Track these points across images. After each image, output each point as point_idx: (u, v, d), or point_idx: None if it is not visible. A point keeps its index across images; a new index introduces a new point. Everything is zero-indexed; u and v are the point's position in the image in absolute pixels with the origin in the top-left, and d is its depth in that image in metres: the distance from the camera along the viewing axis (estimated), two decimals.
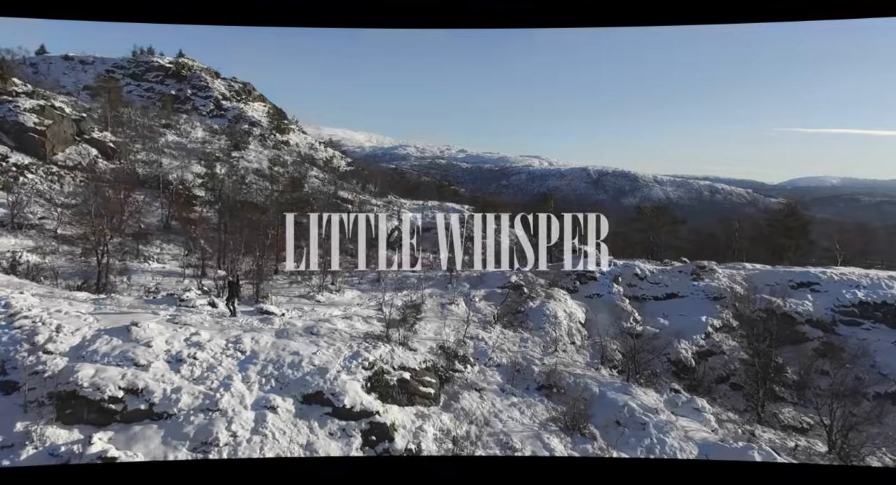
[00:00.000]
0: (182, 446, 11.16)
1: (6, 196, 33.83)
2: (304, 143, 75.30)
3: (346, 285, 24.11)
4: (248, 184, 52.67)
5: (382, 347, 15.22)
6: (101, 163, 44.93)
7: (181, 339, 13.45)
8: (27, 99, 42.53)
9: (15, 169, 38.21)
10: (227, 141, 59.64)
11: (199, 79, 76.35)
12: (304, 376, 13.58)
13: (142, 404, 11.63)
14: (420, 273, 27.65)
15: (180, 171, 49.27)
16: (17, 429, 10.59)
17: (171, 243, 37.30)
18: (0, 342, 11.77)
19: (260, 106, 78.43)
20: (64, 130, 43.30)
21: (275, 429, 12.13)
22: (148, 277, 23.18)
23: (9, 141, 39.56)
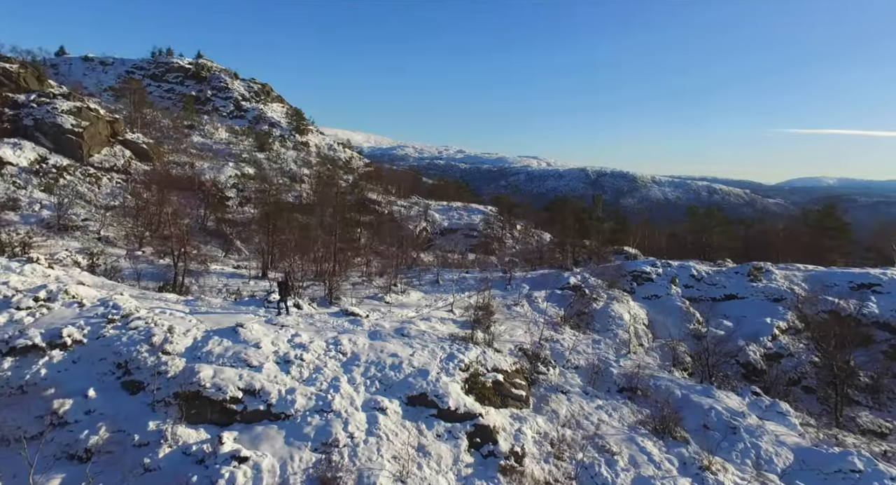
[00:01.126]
0: (305, 446, 11.46)
1: (47, 198, 34.86)
2: (323, 144, 76.04)
3: (409, 287, 24.54)
4: (277, 185, 53.53)
5: (474, 349, 15.44)
6: (135, 164, 46.03)
7: (284, 340, 13.79)
8: (64, 101, 43.62)
9: (55, 170, 39.30)
10: (252, 142, 60.52)
11: (218, 80, 77.43)
12: (407, 378, 13.84)
13: (260, 405, 11.97)
14: (476, 274, 27.82)
15: (213, 172, 50.24)
16: (150, 428, 10.99)
17: (208, 245, 38.12)
18: (121, 343, 12.28)
19: (278, 106, 79.22)
20: (99, 132, 44.27)
21: (387, 431, 12.39)
22: (213, 279, 23.73)
23: (47, 142, 40.59)
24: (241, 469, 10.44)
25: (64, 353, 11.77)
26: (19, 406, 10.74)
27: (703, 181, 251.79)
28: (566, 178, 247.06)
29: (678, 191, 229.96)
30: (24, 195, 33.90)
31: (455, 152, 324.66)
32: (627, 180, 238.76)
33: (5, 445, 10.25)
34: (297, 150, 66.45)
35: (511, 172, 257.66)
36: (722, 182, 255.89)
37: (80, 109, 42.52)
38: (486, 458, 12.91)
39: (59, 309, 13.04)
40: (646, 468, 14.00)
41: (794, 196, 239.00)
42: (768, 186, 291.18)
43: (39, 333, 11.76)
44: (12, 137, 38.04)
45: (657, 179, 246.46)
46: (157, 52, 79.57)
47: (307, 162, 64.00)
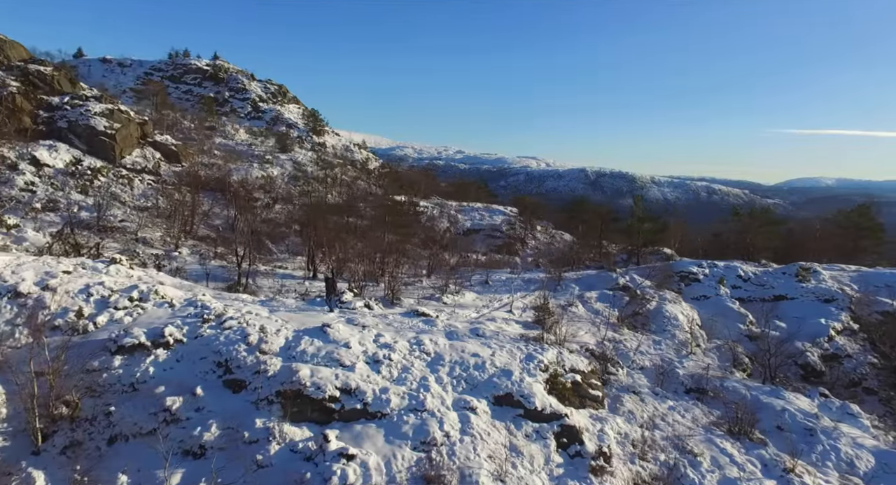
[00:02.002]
0: (405, 445, 11.79)
1: (84, 199, 35.67)
2: (339, 144, 76.78)
3: (461, 287, 24.40)
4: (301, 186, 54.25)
5: (550, 349, 15.72)
6: (164, 165, 46.94)
7: (370, 340, 14.14)
8: (96, 103, 44.59)
9: (90, 172, 40.23)
10: (273, 143, 61.35)
11: (235, 81, 78.40)
12: (491, 378, 14.13)
13: (357, 404, 12.32)
14: (522, 275, 28.07)
15: (239, 173, 51.05)
16: (258, 425, 11.40)
17: (240, 246, 38.72)
18: (219, 342, 12.73)
19: (294, 107, 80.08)
20: (130, 134, 45.20)
21: (480, 430, 12.68)
22: (269, 279, 24.23)
23: (81, 144, 41.49)
24: (350, 467, 10.80)
25: (167, 352, 12.22)
26: (132, 403, 11.19)
27: (703, 181, 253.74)
28: (565, 178, 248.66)
29: (677, 191, 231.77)
30: (63, 197, 34.77)
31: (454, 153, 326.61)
32: (627, 181, 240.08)
33: (123, 440, 10.72)
34: (314, 151, 67.27)
35: (510, 173, 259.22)
36: (721, 182, 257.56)
37: (112, 111, 43.41)
38: (573, 458, 13.16)
39: (153, 309, 13.54)
40: (730, 470, 14.15)
41: (792, 196, 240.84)
42: (767, 187, 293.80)
43: (143, 333, 12.22)
44: (47, 138, 39.02)
45: (656, 180, 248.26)
46: (173, 54, 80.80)
47: (328, 163, 64.80)
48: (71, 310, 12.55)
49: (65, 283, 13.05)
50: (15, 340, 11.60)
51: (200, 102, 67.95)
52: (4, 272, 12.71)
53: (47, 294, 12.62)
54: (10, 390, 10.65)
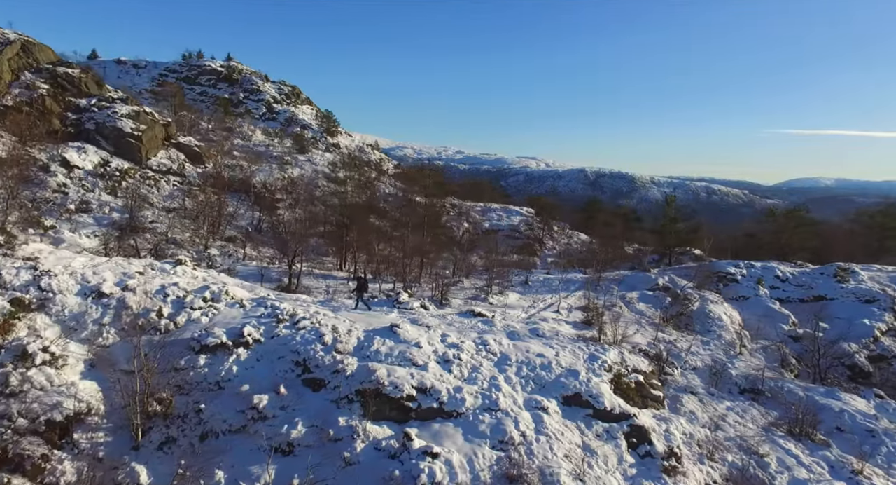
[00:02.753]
0: (484, 444, 12.04)
1: (113, 200, 36.32)
2: (353, 145, 77.41)
3: (504, 288, 24.62)
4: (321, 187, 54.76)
5: (611, 349, 15.95)
6: (189, 166, 47.63)
7: (437, 340, 14.43)
8: (122, 105, 45.37)
9: (118, 174, 40.95)
10: (290, 144, 62.00)
11: (250, 82, 79.17)
12: (559, 378, 14.36)
13: (433, 403, 12.59)
14: (558, 275, 28.29)
15: (262, 174, 51.68)
16: (342, 424, 11.72)
17: (266, 246, 39.36)
18: (296, 342, 13.08)
19: (308, 108, 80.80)
20: (156, 135, 45.94)
21: (554, 430, 12.92)
22: (313, 280, 24.65)
23: (108, 146, 42.18)
24: (436, 465, 11.07)
25: (248, 351, 12.56)
26: (220, 401, 11.54)
27: (702, 182, 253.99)
28: (565, 178, 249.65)
29: (677, 191, 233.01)
30: (94, 198, 35.44)
31: (454, 153, 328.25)
32: (626, 181, 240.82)
33: (214, 437, 11.07)
34: (328, 151, 67.95)
35: (510, 173, 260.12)
36: (721, 183, 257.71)
37: (138, 113, 44.09)
38: (643, 458, 13.34)
39: (226, 309, 13.90)
40: (798, 471, 14.25)
41: (792, 197, 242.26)
42: (766, 187, 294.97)
43: (224, 333, 12.61)
44: (76, 140, 39.77)
45: (656, 180, 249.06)
46: (187, 55, 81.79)
47: (347, 164, 65.41)
48: (152, 310, 12.94)
49: (142, 283, 13.44)
50: (103, 338, 12.01)
51: (215, 104, 68.79)
52: (86, 273, 13.14)
53: (128, 294, 13.01)
54: (105, 387, 11.05)
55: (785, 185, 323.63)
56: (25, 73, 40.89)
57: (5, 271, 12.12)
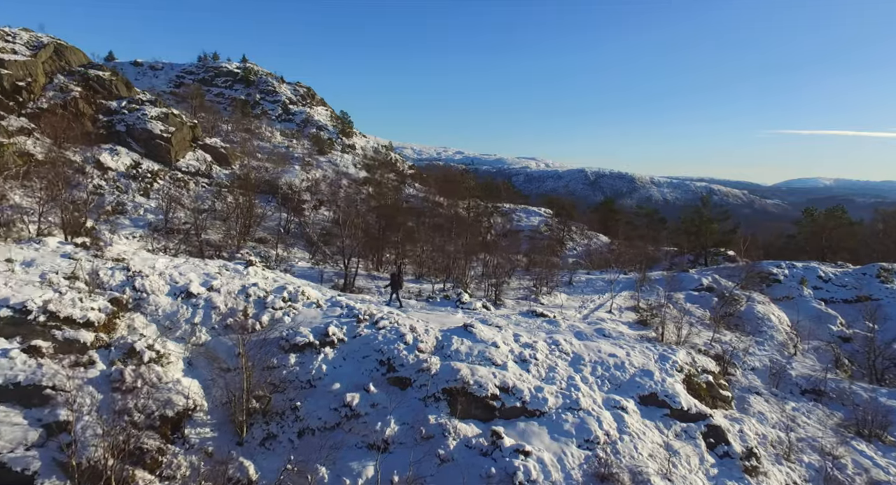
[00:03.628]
0: (571, 443, 12.26)
1: (146, 202, 36.94)
2: (368, 146, 78.03)
3: (551, 288, 24.91)
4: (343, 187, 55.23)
5: (680, 350, 16.12)
6: (215, 168, 48.31)
7: (511, 339, 14.69)
8: (152, 107, 46.13)
9: (150, 175, 41.66)
10: (310, 145, 62.67)
11: (266, 83, 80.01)
12: (633, 378, 14.56)
13: (516, 402, 12.83)
14: (600, 275, 28.50)
15: (287, 175, 52.27)
16: (431, 422, 12.01)
17: (294, 247, 39.80)
18: (378, 341, 13.38)
19: (323, 110, 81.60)
20: (184, 137, 46.70)
21: (635, 429, 13.12)
22: (361, 280, 24.99)
23: (138, 148, 42.90)
24: (529, 462, 11.31)
25: (334, 350, 12.86)
26: (313, 398, 11.85)
27: (702, 182, 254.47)
28: (565, 178, 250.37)
29: (677, 191, 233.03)
30: (128, 199, 36.10)
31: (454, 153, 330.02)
32: (626, 181, 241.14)
33: (310, 434, 11.39)
34: (344, 152, 68.57)
35: (510, 173, 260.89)
36: (720, 183, 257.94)
37: (167, 115, 44.77)
38: (721, 458, 13.46)
39: (303, 309, 14.23)
40: (875, 472, 14.26)
41: (791, 197, 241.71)
42: (766, 187, 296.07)
43: (310, 332, 12.95)
44: (107, 142, 40.53)
45: (656, 180, 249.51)
46: (203, 57, 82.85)
47: (366, 165, 65.98)
48: (238, 310, 13.30)
49: (224, 284, 13.82)
50: (196, 337, 12.39)
51: (232, 105, 69.61)
52: (172, 274, 13.53)
53: (213, 295, 13.39)
54: (205, 384, 11.40)
55: (784, 185, 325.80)
56: (58, 76, 41.75)
57: (102, 272, 12.54)
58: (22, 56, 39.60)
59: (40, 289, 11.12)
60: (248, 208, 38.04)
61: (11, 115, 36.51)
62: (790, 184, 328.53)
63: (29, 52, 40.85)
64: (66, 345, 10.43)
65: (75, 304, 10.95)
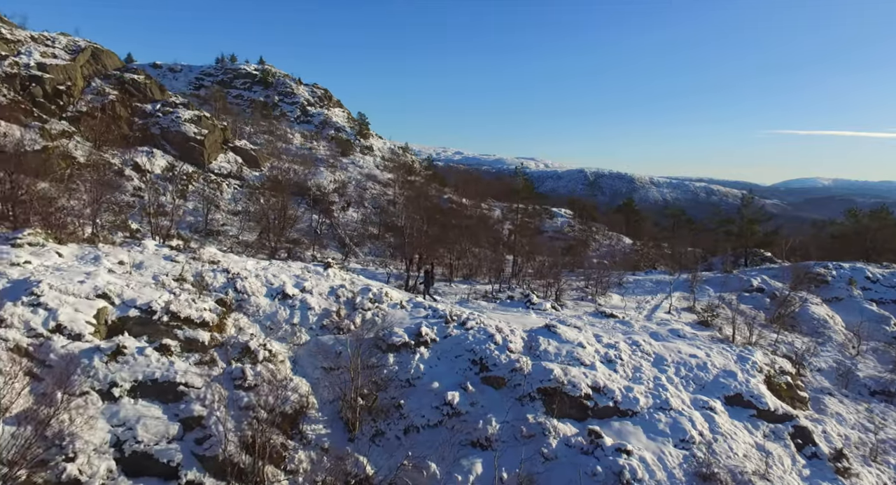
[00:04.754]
0: (668, 442, 12.44)
1: (184, 203, 37.59)
2: (385, 148, 78.58)
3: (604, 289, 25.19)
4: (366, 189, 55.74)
5: (756, 350, 16.26)
6: (246, 170, 49.00)
7: (593, 340, 14.89)
8: (185, 110, 46.91)
9: (185, 177, 42.36)
10: (334, 147, 63.32)
11: (284, 85, 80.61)
12: (717, 378, 14.70)
13: (609, 402, 13.04)
14: (649, 275, 28.69)
15: (315, 177, 52.90)
16: (531, 421, 12.28)
17: (326, 248, 40.30)
18: (469, 341, 13.66)
19: (339, 111, 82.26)
20: (216, 139, 47.45)
21: (727, 430, 13.28)
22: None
23: (173, 150, 43.62)
24: (632, 461, 11.53)
25: (428, 350, 13.19)
26: (415, 397, 12.13)
27: (701, 182, 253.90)
28: (564, 178, 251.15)
29: (676, 191, 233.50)
30: (167, 201, 36.77)
31: (453, 154, 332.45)
32: (626, 181, 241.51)
33: (415, 431, 11.70)
34: (362, 153, 69.19)
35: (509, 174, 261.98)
36: (719, 183, 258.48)
37: (200, 118, 45.51)
38: (810, 459, 13.50)
39: (389, 309, 14.55)
40: None
41: (790, 197, 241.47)
42: (765, 187, 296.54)
43: (404, 332, 13.30)
44: (143, 145, 41.30)
45: (655, 180, 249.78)
46: (220, 59, 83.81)
47: (387, 167, 66.54)
48: (331, 311, 13.67)
49: (315, 285, 14.21)
50: (297, 337, 12.77)
51: (251, 107, 70.45)
52: (266, 275, 13.93)
53: (306, 296, 13.75)
54: (311, 382, 11.75)
55: (783, 185, 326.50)
56: (95, 80, 42.62)
57: (207, 275, 12.97)
58: (62, 60, 40.49)
59: (157, 290, 11.55)
60: (283, 210, 38.64)
61: (53, 119, 37.37)
62: (788, 184, 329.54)
63: (68, 56, 41.72)
64: (188, 343, 10.82)
65: (191, 305, 11.36)
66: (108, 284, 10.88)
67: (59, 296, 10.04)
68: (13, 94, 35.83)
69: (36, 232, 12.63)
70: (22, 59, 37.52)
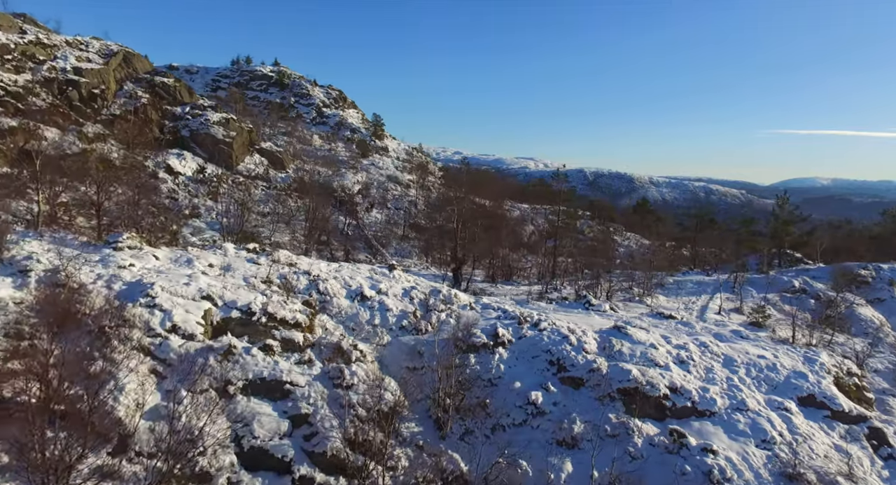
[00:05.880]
0: (749, 442, 12.51)
1: (215, 205, 38.00)
2: (400, 148, 79.00)
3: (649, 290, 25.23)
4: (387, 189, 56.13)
5: (822, 352, 16.33)
6: (272, 171, 49.48)
7: (663, 341, 15.01)
8: (213, 112, 47.48)
9: (215, 179, 42.87)
10: (354, 148, 63.78)
11: (299, 87, 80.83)
12: (788, 380, 14.73)
13: (686, 402, 13.12)
14: (690, 276, 28.75)
15: (338, 178, 53.34)
16: (613, 420, 12.44)
17: (354, 250, 40.56)
18: (544, 343, 13.82)
19: (354, 112, 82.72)
20: (243, 141, 47.99)
21: (804, 431, 13.35)
22: None
23: (202, 152, 44.14)
24: (720, 461, 11.66)
25: (506, 351, 13.41)
26: (499, 396, 12.15)
27: (700, 182, 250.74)
28: None
29: (675, 191, 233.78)
30: (200, 203, 37.26)
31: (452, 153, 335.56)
32: (625, 181, 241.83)
33: (501, 430, 11.85)
34: (378, 154, 69.62)
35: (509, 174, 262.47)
36: (718, 182, 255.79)
37: (228, 121, 46.02)
38: (886, 461, 13.54)
39: (459, 310, 14.64)
40: None
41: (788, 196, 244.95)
42: (763, 187, 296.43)
43: (482, 333, 13.50)
44: (173, 147, 41.86)
45: (654, 180, 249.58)
46: (236, 60, 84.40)
47: (405, 168, 66.94)
48: (408, 312, 13.93)
49: (389, 287, 14.47)
50: (379, 338, 13.01)
51: (267, 108, 71.07)
52: (343, 277, 14.21)
53: (383, 297, 14.01)
54: (398, 382, 11.96)
55: (782, 184, 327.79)
56: (127, 83, 43.27)
57: (290, 277, 13.26)
58: (95, 64, 41.14)
59: (251, 292, 11.84)
60: (313, 211, 39.03)
61: (88, 122, 37.96)
62: (787, 183, 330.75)
63: (101, 60, 42.40)
64: (285, 343, 11.09)
65: (283, 306, 11.63)
66: (210, 286, 11.18)
67: (170, 297, 10.35)
68: (52, 99, 36.50)
69: (132, 236, 12.97)
70: (59, 64, 38.20)
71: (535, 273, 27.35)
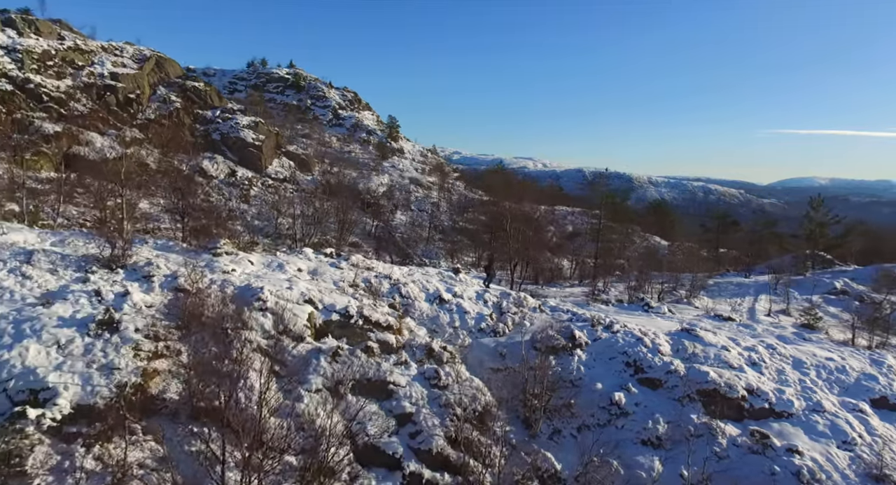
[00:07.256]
0: (831, 444, 12.60)
1: (248, 208, 38.49)
2: (415, 150, 79.38)
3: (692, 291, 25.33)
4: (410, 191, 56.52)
5: (888, 353, 16.40)
6: (298, 174, 50.00)
7: (731, 342, 15.16)
8: (243, 116, 48.10)
9: (246, 182, 43.39)
10: (372, 150, 64.29)
11: (315, 89, 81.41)
12: (859, 381, 14.76)
13: (764, 404, 13.21)
14: (729, 278, 28.83)
15: (365, 181, 53.77)
16: (694, 420, 12.59)
17: (384, 252, 40.87)
18: (620, 344, 14.05)
19: (369, 114, 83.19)
20: (271, 145, 48.57)
21: (882, 433, 13.35)
22: None
23: (232, 155, 44.75)
24: (806, 462, 11.80)
25: (583, 353, 13.62)
26: (582, 397, 12.40)
27: (699, 182, 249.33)
28: (563, 178, 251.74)
29: (674, 191, 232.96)
30: (234, 206, 37.74)
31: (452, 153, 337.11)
32: (624, 181, 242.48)
33: (587, 430, 12.02)
34: (396, 156, 70.08)
35: None
36: (717, 182, 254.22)
37: (257, 124, 46.67)
38: None
39: (531, 313, 14.84)
40: None
41: (787, 196, 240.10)
42: (762, 187, 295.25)
43: (560, 335, 13.69)
44: (205, 151, 42.44)
45: (653, 180, 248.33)
46: (252, 63, 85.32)
47: (423, 169, 67.30)
48: (484, 314, 14.16)
49: (463, 290, 14.72)
50: (461, 340, 13.25)
51: (284, 110, 71.73)
52: (419, 280, 14.48)
53: (460, 300, 14.24)
54: (483, 383, 12.20)
55: (780, 184, 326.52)
56: (160, 88, 43.96)
57: (373, 281, 13.54)
58: (130, 69, 41.83)
59: (342, 296, 12.13)
60: (344, 213, 39.45)
61: (125, 127, 38.61)
62: (786, 183, 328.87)
63: (135, 65, 43.08)
64: (380, 345, 11.35)
65: (374, 309, 11.90)
66: (309, 290, 11.47)
67: (277, 301, 10.63)
68: (91, 104, 37.15)
69: (227, 242, 13.30)
70: (97, 69, 38.91)
71: (577, 275, 27.52)
